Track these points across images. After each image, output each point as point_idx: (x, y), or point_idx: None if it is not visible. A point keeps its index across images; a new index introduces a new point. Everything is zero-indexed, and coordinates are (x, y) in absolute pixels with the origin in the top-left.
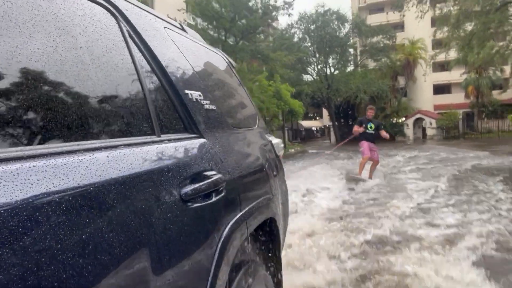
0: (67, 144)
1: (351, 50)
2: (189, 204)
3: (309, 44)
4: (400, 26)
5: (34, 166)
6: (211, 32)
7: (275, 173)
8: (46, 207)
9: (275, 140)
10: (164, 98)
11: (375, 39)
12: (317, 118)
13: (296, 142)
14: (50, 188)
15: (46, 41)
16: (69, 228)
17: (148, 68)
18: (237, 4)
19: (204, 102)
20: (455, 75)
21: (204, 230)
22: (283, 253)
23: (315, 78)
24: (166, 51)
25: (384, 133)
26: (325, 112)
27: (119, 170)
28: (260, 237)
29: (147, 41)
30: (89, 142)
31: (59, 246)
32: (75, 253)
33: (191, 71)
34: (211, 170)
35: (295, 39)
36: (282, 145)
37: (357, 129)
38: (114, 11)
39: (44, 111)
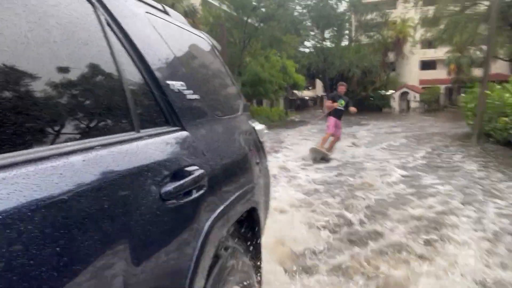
0: (39, 149)
1: (347, 25)
2: (169, 203)
3: (308, 18)
4: (392, 4)
5: (2, 179)
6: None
7: (257, 160)
8: (17, 223)
9: (259, 126)
10: (144, 91)
11: (369, 16)
12: (310, 88)
13: (291, 111)
14: (21, 202)
15: (16, 36)
16: (43, 243)
17: (128, 59)
18: None
19: (187, 92)
20: (440, 53)
21: (184, 228)
22: None
23: (312, 51)
24: (147, 39)
25: (352, 109)
26: (318, 83)
27: (96, 175)
28: (241, 226)
29: (126, 30)
30: (63, 145)
31: (32, 261)
32: (50, 269)
33: (173, 60)
34: (193, 165)
35: (295, 14)
36: (266, 131)
37: (330, 104)
38: None
39: (12, 113)
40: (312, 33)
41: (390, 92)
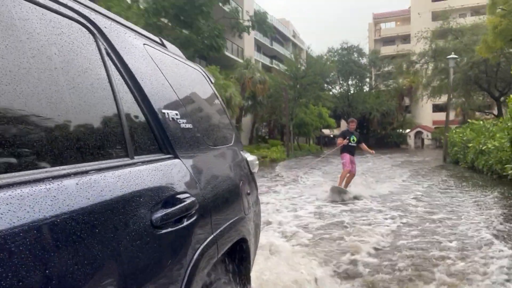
0: (34, 171)
1: (368, 74)
2: (159, 230)
3: (335, 72)
4: (406, 56)
5: (3, 197)
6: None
7: (248, 191)
8: (9, 244)
9: (250, 157)
10: (140, 119)
11: (386, 68)
12: (336, 127)
13: (319, 146)
14: (14, 223)
15: (19, 63)
16: (33, 265)
17: (125, 87)
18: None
19: (181, 121)
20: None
21: (173, 256)
22: None
23: (338, 96)
24: (144, 69)
25: (365, 147)
26: (343, 122)
27: (89, 199)
28: (230, 257)
29: (125, 60)
30: (57, 168)
31: (21, 283)
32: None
33: (169, 90)
34: (185, 193)
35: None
36: (257, 162)
37: (341, 141)
38: (92, 28)
39: (11, 136)
40: (338, 81)
41: (407, 131)
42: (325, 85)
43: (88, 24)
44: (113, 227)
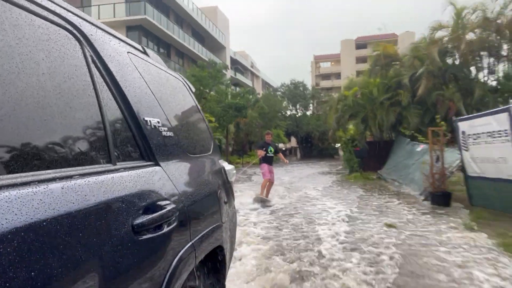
0: (22, 174)
1: (310, 101)
2: (140, 235)
3: (286, 99)
4: (339, 88)
5: None
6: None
7: (225, 200)
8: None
9: (228, 167)
10: (123, 126)
11: (323, 98)
12: (288, 142)
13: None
14: (2, 225)
15: (8, 67)
16: (20, 265)
17: (109, 94)
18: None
19: (162, 129)
20: None
21: (153, 261)
22: None
23: (288, 119)
24: (128, 77)
25: (282, 156)
26: (293, 138)
27: (73, 203)
28: (207, 264)
29: (109, 67)
30: (44, 172)
31: (8, 284)
32: None
33: (151, 98)
34: (165, 199)
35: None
36: (234, 171)
37: (260, 153)
38: (79, 35)
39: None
40: (289, 108)
41: (337, 145)
42: (279, 113)
43: (74, 31)
44: (96, 231)
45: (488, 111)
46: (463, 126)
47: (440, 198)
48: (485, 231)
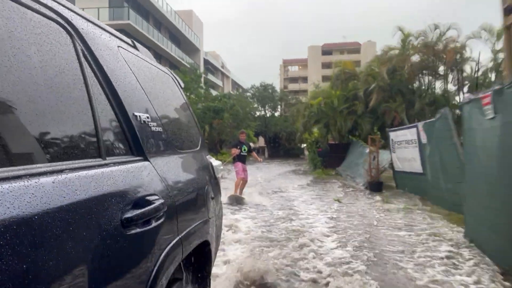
0: (14, 168)
1: (279, 103)
2: (129, 230)
3: (255, 100)
4: (306, 92)
5: None
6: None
7: (212, 195)
8: None
9: (215, 162)
10: (112, 120)
11: (291, 100)
12: (257, 141)
13: None
14: None
15: (1, 59)
16: (11, 259)
17: (100, 88)
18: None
19: (152, 124)
20: None
21: (141, 255)
22: None
23: (257, 119)
24: (118, 71)
25: (255, 155)
26: (261, 138)
27: (64, 197)
28: (193, 258)
29: (100, 61)
30: (35, 166)
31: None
32: (16, 283)
33: (141, 92)
34: (154, 194)
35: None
36: (222, 167)
37: (234, 151)
38: (70, 29)
39: None
40: (258, 109)
41: (303, 145)
42: (250, 114)
43: (66, 25)
44: (86, 225)
45: (406, 126)
46: (392, 135)
47: (375, 186)
48: (392, 204)
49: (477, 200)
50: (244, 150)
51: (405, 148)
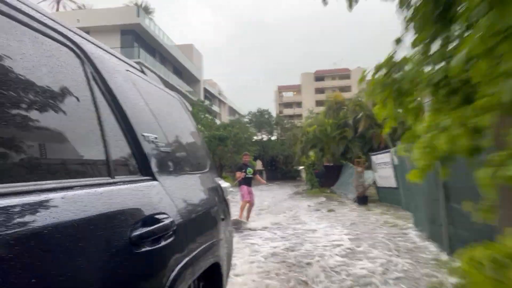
0: (24, 184)
1: (275, 127)
2: (138, 248)
3: (253, 125)
4: (300, 116)
5: None
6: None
7: (222, 217)
8: (8, 248)
9: (224, 184)
10: (121, 140)
11: (286, 125)
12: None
13: None
14: (6, 230)
15: (13, 81)
16: (20, 271)
17: (108, 109)
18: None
19: (160, 144)
20: None
21: (150, 275)
22: None
23: (254, 143)
24: (126, 93)
25: (259, 178)
26: (259, 161)
27: (73, 213)
28: (203, 282)
29: (109, 83)
30: (45, 182)
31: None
32: None
33: (149, 114)
34: (163, 213)
35: (246, 123)
36: (231, 189)
37: (239, 175)
38: (79, 53)
39: (2, 150)
40: (255, 133)
41: (301, 167)
42: (248, 139)
43: (75, 49)
44: (95, 242)
45: (383, 151)
46: (374, 158)
47: (362, 199)
48: (372, 211)
49: (413, 202)
50: (250, 172)
51: (384, 168)
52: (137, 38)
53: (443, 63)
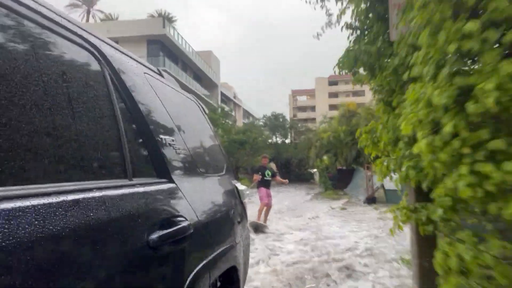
0: (43, 185)
1: (289, 130)
2: (156, 251)
3: (267, 128)
4: (314, 120)
5: (14, 207)
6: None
7: (239, 220)
8: (18, 252)
9: (241, 187)
10: (139, 143)
11: (301, 129)
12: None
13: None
14: (25, 232)
15: (33, 84)
16: (39, 270)
17: (127, 112)
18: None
19: (177, 147)
20: None
21: (168, 278)
22: None
23: (269, 146)
24: (144, 96)
25: (279, 179)
26: (272, 164)
27: (92, 214)
28: (220, 284)
29: (127, 86)
30: (64, 184)
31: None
32: None
33: (166, 117)
34: (180, 216)
35: (261, 127)
36: (248, 192)
37: (256, 177)
38: (99, 56)
39: (24, 151)
40: (270, 136)
41: (313, 170)
42: (264, 142)
43: (95, 52)
44: (113, 243)
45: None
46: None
47: (370, 200)
48: (378, 208)
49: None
50: (268, 174)
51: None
52: (163, 47)
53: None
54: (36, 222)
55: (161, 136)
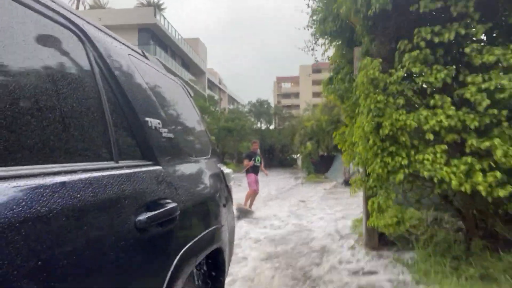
0: (28, 167)
1: (273, 116)
2: (143, 232)
3: (252, 114)
4: (298, 106)
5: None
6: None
7: (224, 202)
8: (6, 230)
9: (227, 170)
10: (124, 125)
11: (285, 115)
12: None
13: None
14: (10, 214)
15: (14, 63)
16: (27, 251)
17: (111, 94)
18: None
19: (163, 130)
20: None
21: (155, 259)
22: None
23: (253, 131)
24: (129, 78)
25: (263, 168)
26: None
27: (78, 196)
28: (206, 265)
29: (111, 67)
30: (50, 165)
31: (15, 271)
32: (30, 279)
33: (152, 99)
34: (166, 198)
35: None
36: (233, 175)
37: (247, 163)
38: (82, 36)
39: (9, 133)
40: (255, 122)
41: (297, 156)
42: (249, 128)
43: (78, 32)
44: (99, 225)
45: None
46: None
47: (347, 182)
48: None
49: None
50: (258, 160)
51: None
52: (153, 36)
53: None
54: (23, 203)
55: (147, 118)
